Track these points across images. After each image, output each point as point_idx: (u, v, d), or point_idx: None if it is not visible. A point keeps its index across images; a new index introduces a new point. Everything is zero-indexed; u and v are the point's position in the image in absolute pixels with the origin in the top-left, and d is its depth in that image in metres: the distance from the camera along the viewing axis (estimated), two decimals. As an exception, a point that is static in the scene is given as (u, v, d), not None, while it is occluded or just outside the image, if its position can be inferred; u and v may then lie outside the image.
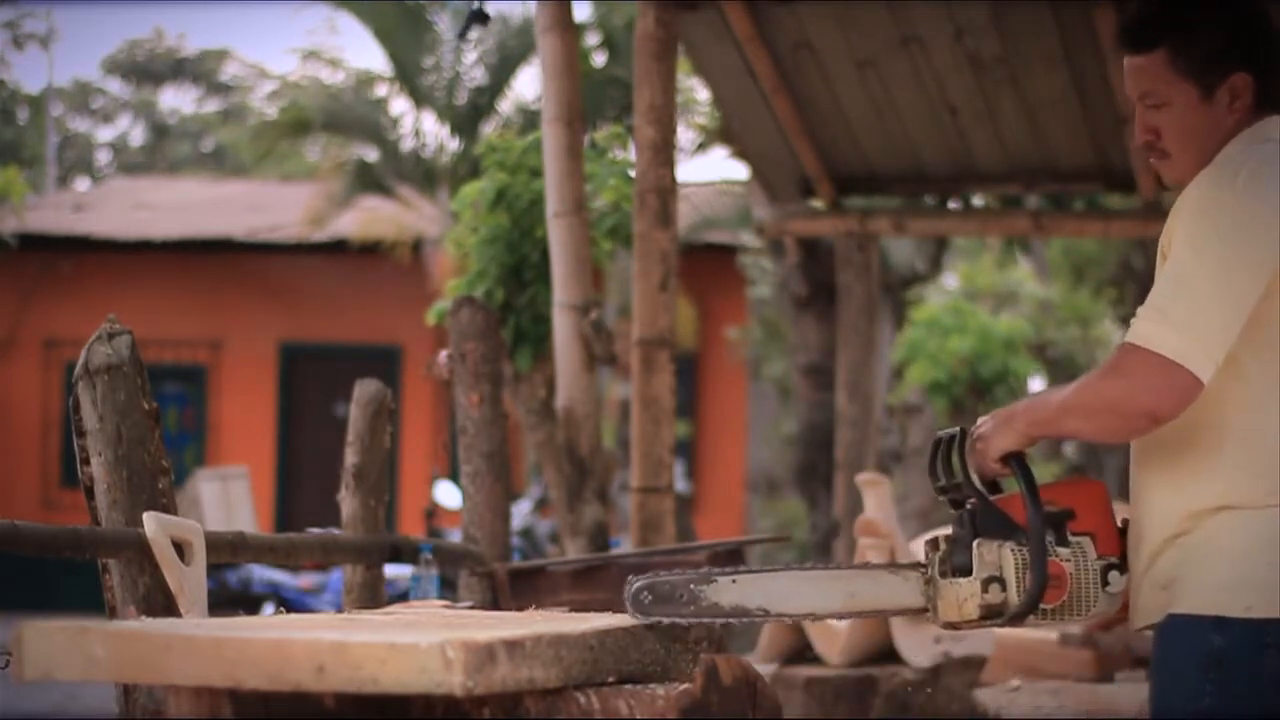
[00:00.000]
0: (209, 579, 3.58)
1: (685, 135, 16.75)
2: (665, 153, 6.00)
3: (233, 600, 11.83)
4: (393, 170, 18.00)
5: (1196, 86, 2.93)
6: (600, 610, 3.03)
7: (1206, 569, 2.82)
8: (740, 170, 15.54)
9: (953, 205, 10.06)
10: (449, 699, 2.35)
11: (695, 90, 16.01)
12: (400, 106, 19.75)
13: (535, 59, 10.08)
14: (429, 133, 17.93)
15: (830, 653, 5.60)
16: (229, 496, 13.83)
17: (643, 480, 5.92)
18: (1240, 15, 2.95)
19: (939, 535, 2.99)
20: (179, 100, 41.74)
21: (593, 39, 16.93)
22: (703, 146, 17.27)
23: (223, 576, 12.02)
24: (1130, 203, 9.84)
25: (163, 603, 3.45)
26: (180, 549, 3.48)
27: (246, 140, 24.98)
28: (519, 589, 5.05)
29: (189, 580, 3.47)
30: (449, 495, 11.83)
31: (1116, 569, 2.93)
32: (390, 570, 4.90)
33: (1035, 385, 16.02)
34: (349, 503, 4.71)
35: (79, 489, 3.61)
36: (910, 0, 7.15)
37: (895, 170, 8.78)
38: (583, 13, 17.76)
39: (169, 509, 3.55)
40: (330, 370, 18.13)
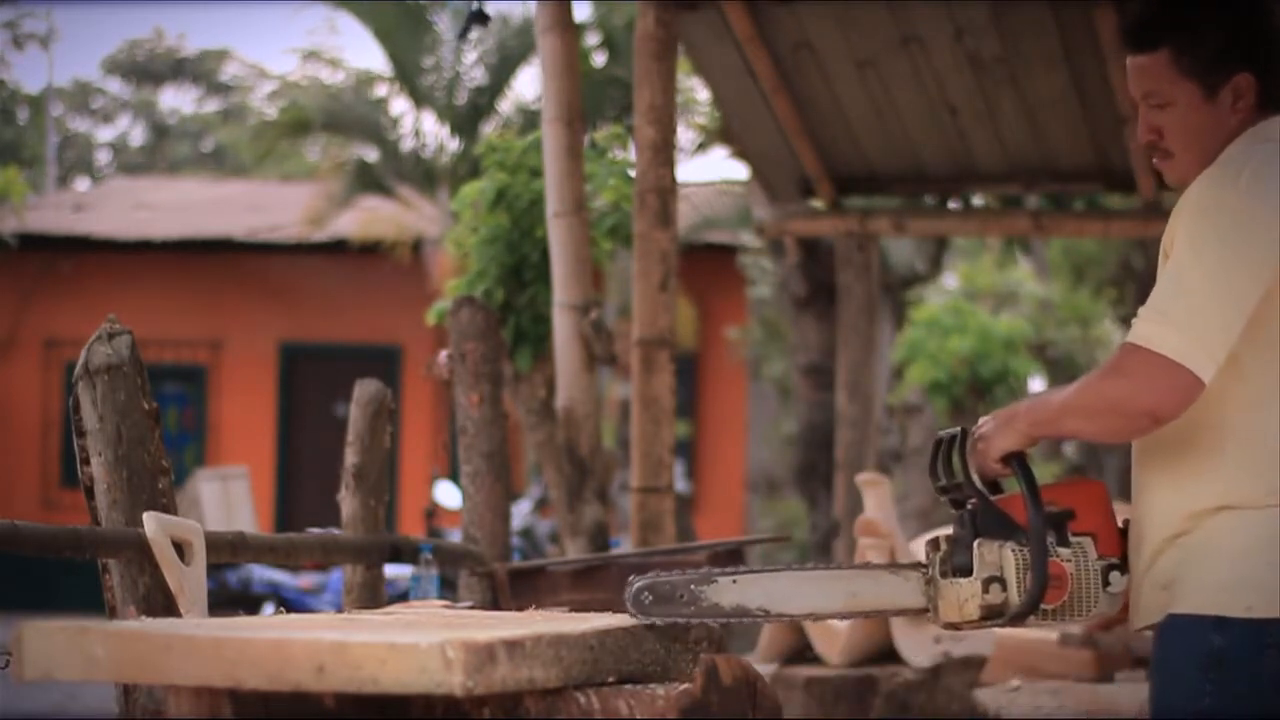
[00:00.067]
0: (209, 579, 3.57)
1: (685, 135, 16.77)
2: (665, 153, 6.00)
3: (233, 600, 11.83)
4: (393, 170, 18.00)
5: (1199, 86, 2.93)
6: (600, 610, 3.03)
7: (1207, 569, 2.82)
8: (740, 170, 15.55)
9: (953, 205, 10.05)
10: (449, 699, 2.35)
11: (695, 90, 16.00)
12: (400, 106, 19.76)
13: (535, 59, 10.08)
14: (429, 133, 17.94)
15: (830, 653, 5.59)
16: (229, 496, 13.83)
17: (643, 480, 5.92)
18: (1243, 15, 2.95)
19: (940, 535, 2.99)
20: (179, 100, 41.80)
21: (593, 39, 16.93)
22: (703, 146, 17.27)
23: (223, 576, 12.02)
24: (1130, 203, 9.83)
25: (163, 603, 3.45)
26: (180, 549, 3.48)
27: (246, 140, 25.00)
28: (519, 589, 5.05)
29: (189, 580, 3.47)
30: (449, 495, 11.83)
31: (1117, 569, 2.93)
32: (390, 570, 4.89)
33: (1035, 385, 16.02)
34: (349, 503, 4.70)
35: (79, 489, 3.61)
36: (910, 0, 7.15)
37: (895, 170, 8.78)
38: (583, 13, 17.76)
39: (169, 509, 3.54)
40: (330, 370, 18.13)
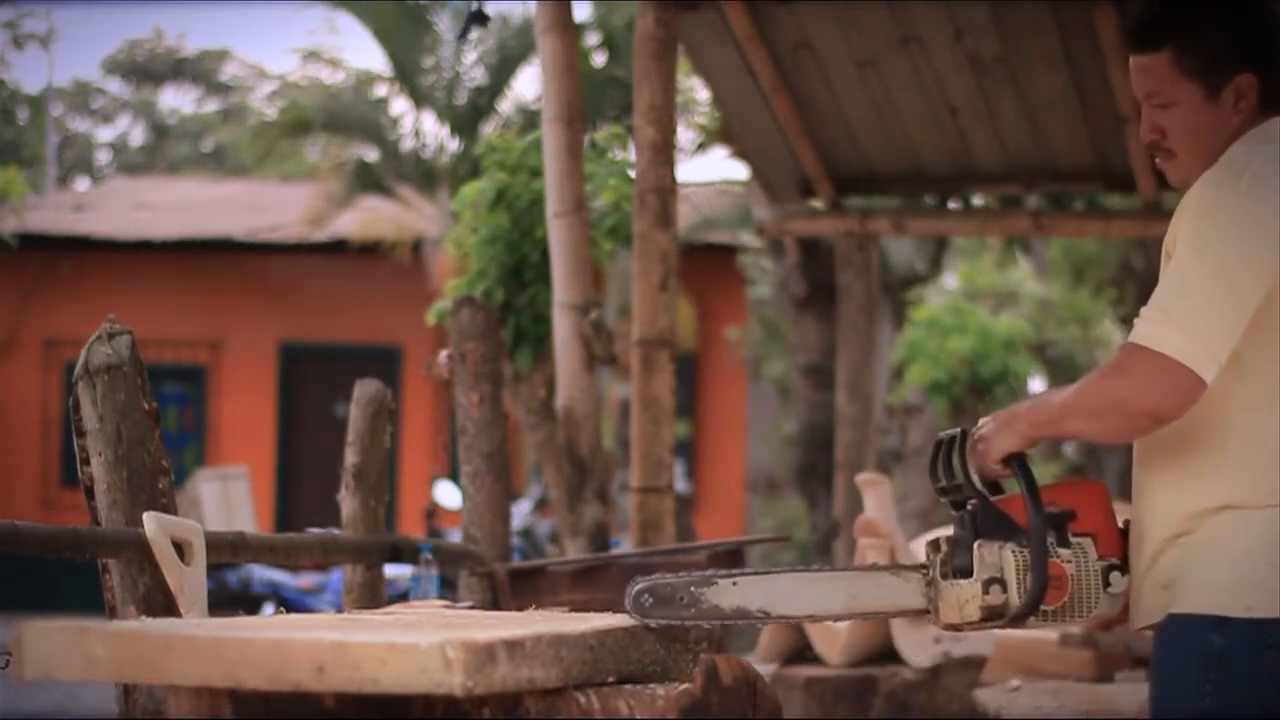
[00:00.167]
0: (209, 579, 3.57)
1: (685, 135, 16.76)
2: (665, 153, 6.00)
3: (233, 600, 11.83)
4: (393, 170, 18.00)
5: (1202, 86, 2.93)
6: (600, 610, 3.03)
7: (1208, 569, 2.82)
8: (740, 170, 15.55)
9: (953, 205, 10.04)
10: (449, 699, 2.35)
11: (695, 90, 16.00)
12: (400, 106, 19.75)
13: (535, 59, 10.08)
14: (429, 133, 17.94)
15: (830, 653, 5.59)
16: (229, 496, 13.83)
17: (643, 480, 5.92)
18: (1245, 15, 2.95)
19: (940, 536, 2.98)
20: (179, 100, 41.79)
21: (593, 39, 16.93)
22: (703, 146, 17.27)
23: (223, 576, 12.02)
24: (1130, 203, 9.82)
25: (163, 603, 3.45)
26: (180, 549, 3.48)
27: (246, 140, 25.01)
28: (519, 589, 5.05)
29: (189, 580, 3.47)
30: (449, 495, 11.82)
31: (1118, 570, 2.92)
32: (390, 570, 4.89)
33: (1035, 385, 16.01)
34: (349, 503, 4.70)
35: (79, 489, 3.61)
36: (910, 0, 7.15)
37: (895, 170, 8.78)
38: (583, 13, 17.76)
39: (169, 509, 3.54)
40: (330, 370, 18.13)
